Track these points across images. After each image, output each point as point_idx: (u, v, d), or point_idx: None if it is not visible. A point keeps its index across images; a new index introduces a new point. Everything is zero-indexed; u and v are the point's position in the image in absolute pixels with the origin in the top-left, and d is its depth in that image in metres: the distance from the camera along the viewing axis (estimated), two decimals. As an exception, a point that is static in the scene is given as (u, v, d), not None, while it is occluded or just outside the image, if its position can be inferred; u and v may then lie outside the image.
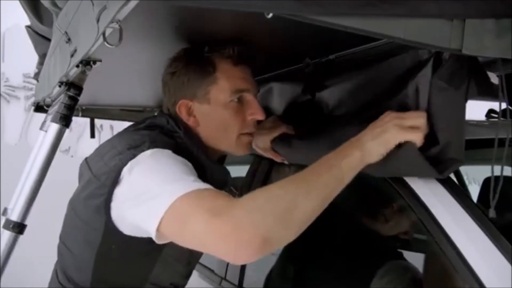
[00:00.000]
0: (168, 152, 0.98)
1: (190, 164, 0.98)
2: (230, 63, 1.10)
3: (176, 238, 0.90)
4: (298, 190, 0.81)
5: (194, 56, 1.11)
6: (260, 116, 1.12)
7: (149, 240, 0.96)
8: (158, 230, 0.87)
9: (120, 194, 0.96)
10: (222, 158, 1.26)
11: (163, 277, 1.11)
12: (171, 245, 1.00)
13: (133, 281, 1.08)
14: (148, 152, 0.96)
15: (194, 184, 0.88)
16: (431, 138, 0.90)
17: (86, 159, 1.14)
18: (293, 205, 0.79)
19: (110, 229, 0.98)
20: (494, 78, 0.92)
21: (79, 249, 1.08)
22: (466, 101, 0.87)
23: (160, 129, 1.07)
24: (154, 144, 0.98)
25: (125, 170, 0.95)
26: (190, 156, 1.02)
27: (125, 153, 0.97)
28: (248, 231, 0.75)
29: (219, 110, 1.10)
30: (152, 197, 0.88)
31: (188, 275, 1.23)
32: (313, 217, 0.82)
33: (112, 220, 0.97)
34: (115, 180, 0.95)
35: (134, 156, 0.95)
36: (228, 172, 1.19)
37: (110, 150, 1.03)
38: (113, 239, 1.00)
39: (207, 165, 1.03)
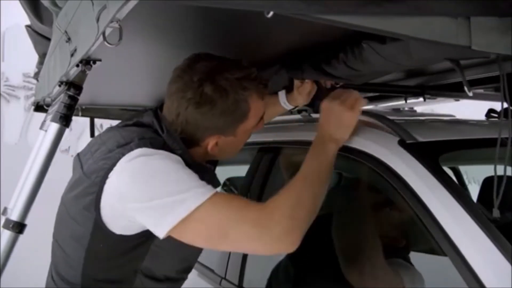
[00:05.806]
0: (159, 151, 0.98)
1: (183, 163, 0.99)
2: (260, 98, 1.10)
3: (197, 243, 0.98)
4: (309, 188, 1.00)
5: (230, 95, 1.03)
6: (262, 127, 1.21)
7: (139, 235, 0.99)
8: (169, 232, 0.91)
9: (111, 192, 0.96)
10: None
11: (155, 269, 1.12)
12: (162, 239, 1.01)
13: (123, 275, 1.08)
14: (137, 151, 0.96)
15: (208, 187, 0.94)
16: None
17: (78, 154, 1.15)
18: (312, 203, 0.99)
19: (99, 227, 0.98)
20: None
21: (69, 247, 1.08)
22: None
23: (148, 127, 1.07)
24: (142, 141, 0.98)
25: (115, 169, 0.95)
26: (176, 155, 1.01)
27: (114, 151, 0.98)
28: (293, 233, 0.93)
29: (241, 138, 1.13)
30: (166, 204, 0.91)
31: (186, 271, 1.22)
32: (322, 200, 1.02)
33: (101, 219, 0.98)
34: (105, 179, 0.96)
35: (122, 155, 0.96)
36: (215, 175, 1.17)
37: (100, 147, 1.04)
38: (102, 237, 1.00)
39: (194, 166, 1.00)
